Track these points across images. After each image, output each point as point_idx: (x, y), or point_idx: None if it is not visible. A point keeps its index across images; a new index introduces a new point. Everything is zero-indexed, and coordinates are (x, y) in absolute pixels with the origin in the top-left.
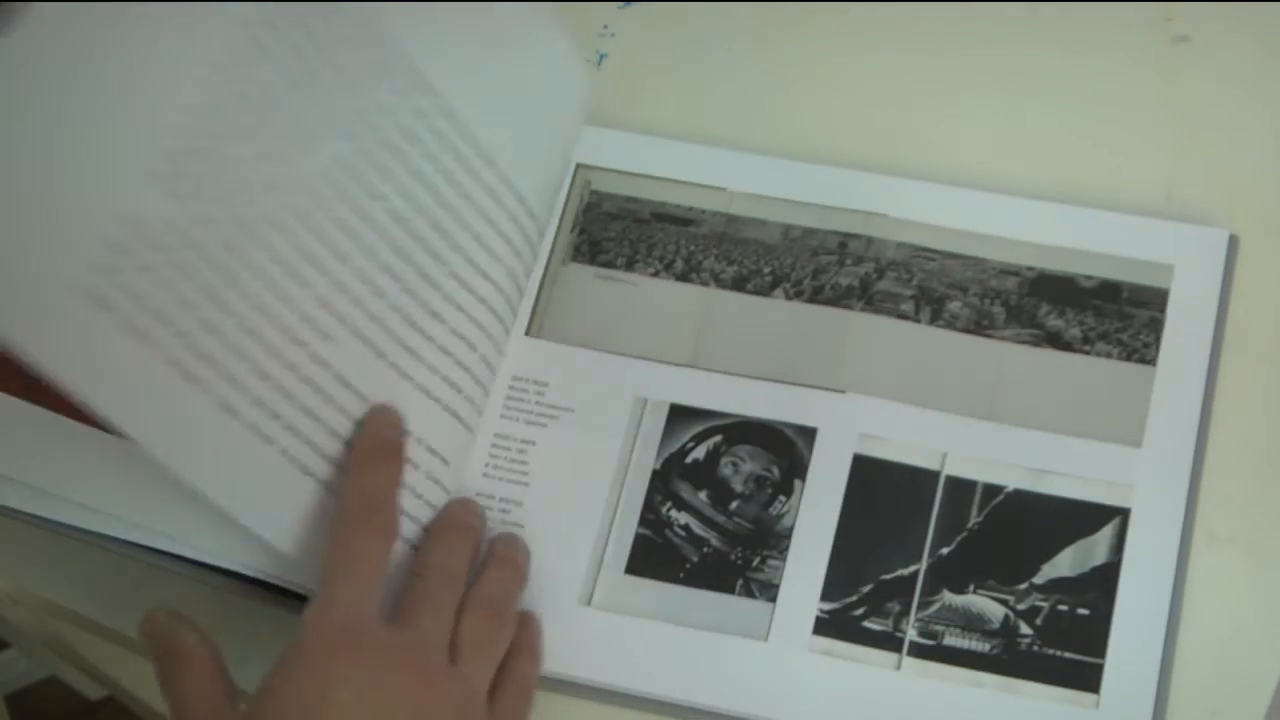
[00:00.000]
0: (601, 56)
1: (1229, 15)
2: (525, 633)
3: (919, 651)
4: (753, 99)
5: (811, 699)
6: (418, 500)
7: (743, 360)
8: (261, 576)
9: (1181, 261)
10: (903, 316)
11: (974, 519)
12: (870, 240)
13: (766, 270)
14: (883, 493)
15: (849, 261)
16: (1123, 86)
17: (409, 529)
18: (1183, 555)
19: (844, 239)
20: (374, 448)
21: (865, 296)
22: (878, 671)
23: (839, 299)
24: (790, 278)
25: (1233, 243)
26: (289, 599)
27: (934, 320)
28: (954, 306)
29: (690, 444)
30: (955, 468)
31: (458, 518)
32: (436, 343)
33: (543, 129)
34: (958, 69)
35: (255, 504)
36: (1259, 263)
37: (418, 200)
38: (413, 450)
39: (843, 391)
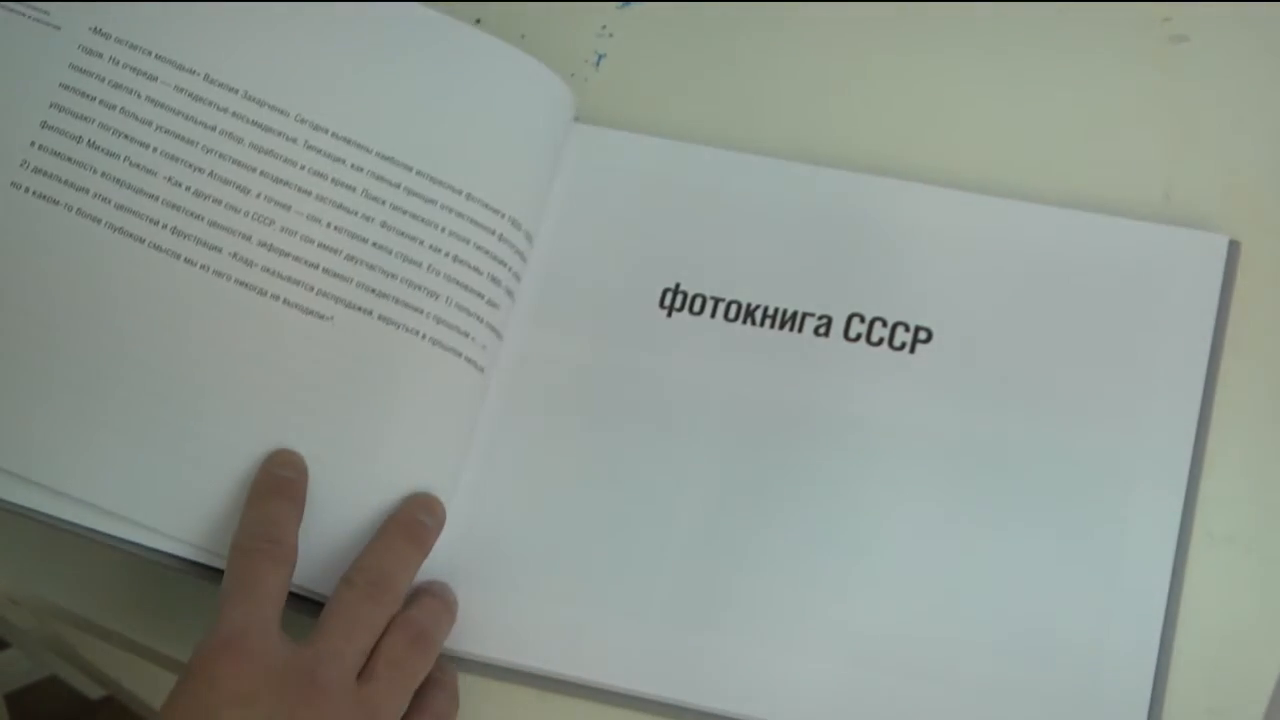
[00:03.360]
0: (601, 56)
1: (1228, 15)
2: (446, 674)
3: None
4: (752, 100)
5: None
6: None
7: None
8: None
9: (1182, 264)
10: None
11: None
12: None
13: None
14: None
15: None
16: (1121, 86)
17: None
18: (1181, 555)
19: None
20: (270, 485)
21: None
22: None
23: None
24: None
25: (1233, 245)
26: (293, 600)
27: None
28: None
29: None
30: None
31: (408, 518)
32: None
33: (513, 143)
34: (954, 70)
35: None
36: (1259, 263)
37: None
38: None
39: None
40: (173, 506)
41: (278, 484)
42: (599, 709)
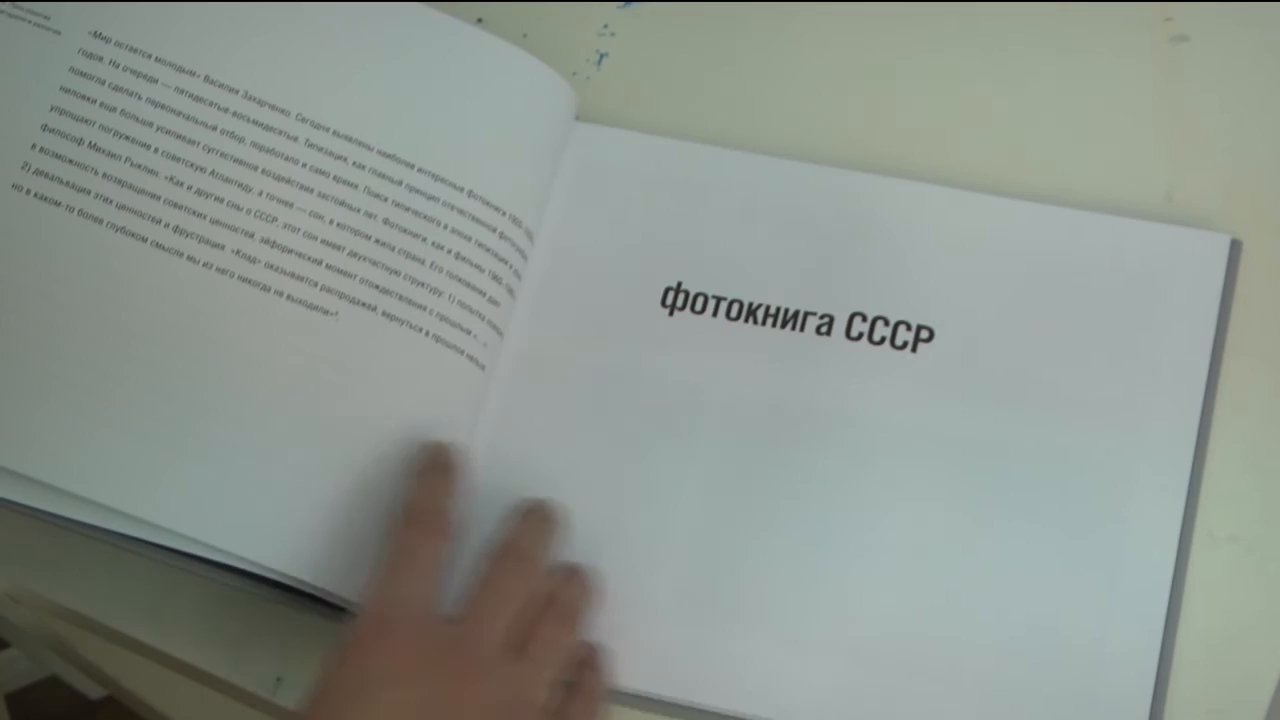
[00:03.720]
0: (601, 56)
1: (1229, 15)
2: (596, 654)
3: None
4: (752, 99)
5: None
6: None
7: None
8: (267, 574)
9: (1184, 264)
10: None
11: None
12: None
13: None
14: None
15: None
16: (1122, 86)
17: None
18: (1182, 555)
19: None
20: (432, 460)
21: None
22: None
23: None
24: None
25: (1234, 245)
26: (296, 597)
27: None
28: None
29: None
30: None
31: (539, 506)
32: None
33: (514, 141)
34: (956, 69)
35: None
36: (1260, 263)
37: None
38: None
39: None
40: (175, 503)
41: (436, 460)
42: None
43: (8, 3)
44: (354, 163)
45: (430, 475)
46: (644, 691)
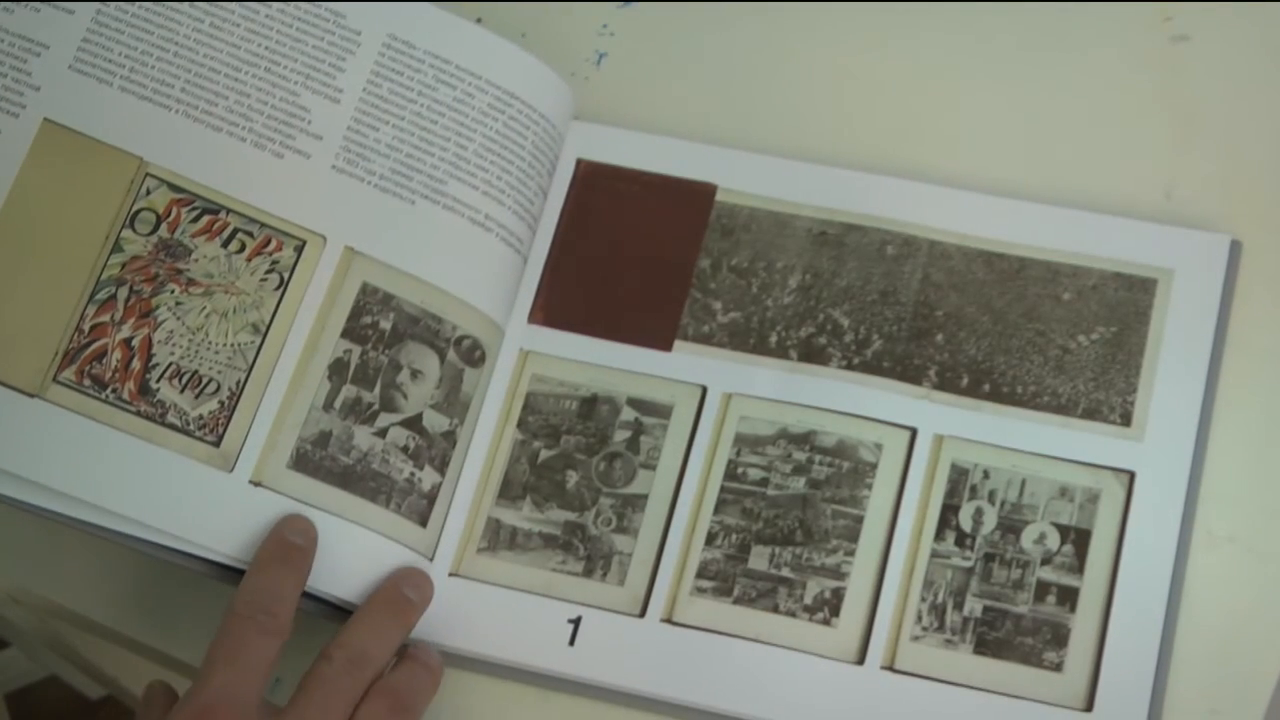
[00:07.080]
0: (601, 56)
1: (1229, 15)
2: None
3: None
4: (751, 98)
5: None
6: None
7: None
8: None
9: (1184, 264)
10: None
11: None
12: None
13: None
14: None
15: None
16: (1122, 86)
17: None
18: (1182, 554)
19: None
20: (278, 550)
21: None
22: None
23: None
24: None
25: (1234, 246)
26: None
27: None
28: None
29: None
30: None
31: (393, 593)
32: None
33: (513, 140)
34: (956, 69)
35: None
36: (1260, 263)
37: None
38: None
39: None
40: (179, 505)
41: (285, 551)
42: (600, 707)
43: (13, 1)
44: None
45: (274, 568)
46: (643, 690)
